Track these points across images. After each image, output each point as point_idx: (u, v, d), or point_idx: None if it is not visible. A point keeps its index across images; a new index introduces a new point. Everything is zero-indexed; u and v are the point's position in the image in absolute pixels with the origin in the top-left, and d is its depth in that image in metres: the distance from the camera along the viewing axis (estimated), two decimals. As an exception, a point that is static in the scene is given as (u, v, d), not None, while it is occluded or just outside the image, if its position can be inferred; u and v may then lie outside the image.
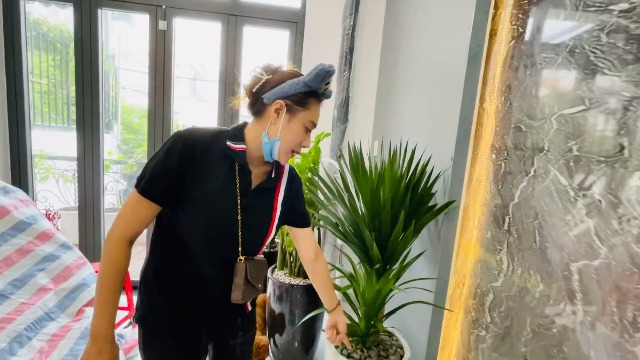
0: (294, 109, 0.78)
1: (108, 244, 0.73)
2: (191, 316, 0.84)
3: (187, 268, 0.80)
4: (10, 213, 1.45)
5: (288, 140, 0.78)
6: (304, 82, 0.76)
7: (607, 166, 0.73)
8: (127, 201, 0.75)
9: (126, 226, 0.74)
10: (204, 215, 0.76)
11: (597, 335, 0.73)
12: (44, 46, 3.83)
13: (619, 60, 0.72)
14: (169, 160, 0.73)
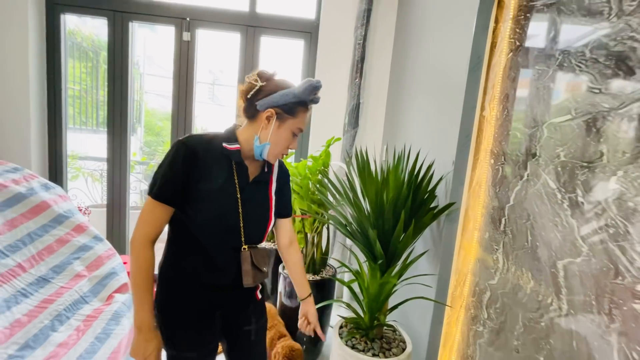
0: (284, 117, 0.87)
1: (134, 248, 0.83)
2: (207, 303, 0.91)
3: (202, 258, 0.88)
4: (51, 207, 1.62)
5: (277, 144, 0.88)
6: (293, 93, 0.86)
7: (589, 171, 0.79)
8: (144, 207, 0.85)
9: (146, 229, 0.83)
10: (209, 210, 0.85)
11: (579, 326, 0.79)
12: (77, 54, 4.12)
13: (600, 74, 0.79)
14: (176, 166, 0.82)
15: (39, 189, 1.66)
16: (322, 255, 1.80)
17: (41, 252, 1.46)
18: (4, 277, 1.29)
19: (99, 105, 4.43)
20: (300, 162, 1.77)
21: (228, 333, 0.98)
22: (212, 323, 0.94)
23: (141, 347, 0.81)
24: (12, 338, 1.12)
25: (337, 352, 1.36)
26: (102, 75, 4.47)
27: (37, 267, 1.40)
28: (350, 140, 2.20)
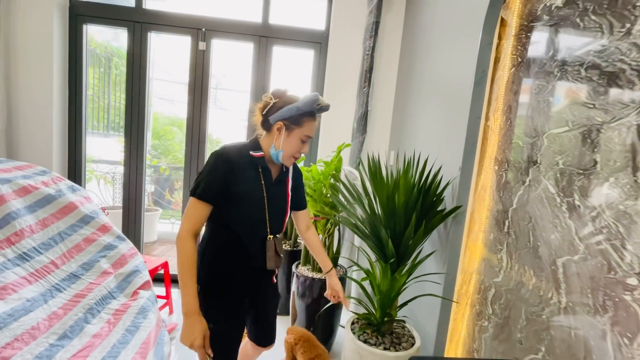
0: (291, 127, 1.04)
1: (180, 242, 0.98)
2: (239, 284, 1.10)
3: (236, 247, 1.07)
4: (78, 208, 1.71)
5: (288, 150, 1.06)
6: (297, 107, 1.02)
7: (585, 177, 0.89)
8: (188, 207, 1.00)
9: (190, 225, 0.99)
10: (245, 208, 1.04)
11: (577, 317, 0.88)
12: (90, 61, 4.24)
13: (594, 91, 0.88)
14: (216, 172, 1.00)
15: (66, 191, 1.76)
16: (333, 255, 1.88)
17: (71, 250, 1.55)
18: (39, 272, 1.38)
19: (110, 109, 4.55)
20: (312, 167, 1.86)
21: (253, 308, 1.20)
22: (242, 301, 1.13)
23: (188, 331, 0.94)
24: (51, 329, 1.21)
25: (350, 347, 1.44)
26: (113, 80, 4.59)
27: (68, 264, 1.49)
28: (359, 146, 2.30)
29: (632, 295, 0.74)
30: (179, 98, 5.88)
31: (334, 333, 1.93)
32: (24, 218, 1.49)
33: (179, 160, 4.32)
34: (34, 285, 1.31)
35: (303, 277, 1.83)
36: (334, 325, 1.91)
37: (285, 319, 2.29)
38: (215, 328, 1.02)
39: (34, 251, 1.43)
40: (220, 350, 1.05)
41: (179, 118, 4.95)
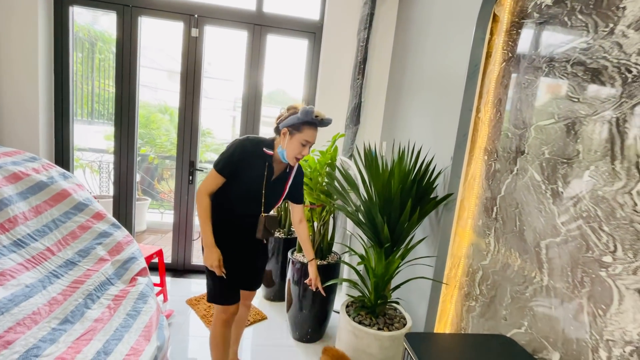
0: (293, 133, 1.28)
1: (199, 197, 1.32)
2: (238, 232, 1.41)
3: (234, 209, 1.39)
4: (71, 195, 1.69)
5: (290, 151, 1.29)
6: (297, 117, 1.27)
7: (568, 166, 0.96)
8: (209, 174, 1.33)
9: (208, 187, 1.32)
10: (244, 186, 1.35)
11: (557, 293, 0.96)
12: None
13: (579, 86, 0.95)
14: (234, 157, 1.31)
15: (58, 178, 1.73)
16: (328, 242, 1.94)
17: (66, 237, 1.54)
18: (35, 259, 1.37)
19: (94, 96, 4.41)
20: (308, 157, 1.89)
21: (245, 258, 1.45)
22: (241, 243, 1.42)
23: (209, 257, 1.30)
24: (52, 314, 1.21)
25: (346, 328, 1.51)
26: (97, 66, 4.44)
27: (64, 251, 1.49)
28: (352, 137, 2.34)
29: (607, 271, 0.82)
30: (163, 86, 5.74)
31: (327, 318, 2.00)
32: (17, 205, 1.46)
33: (167, 149, 4.25)
34: (31, 272, 1.31)
35: (299, 264, 1.88)
36: (327, 310, 1.98)
37: (281, 306, 2.35)
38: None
39: (29, 238, 1.42)
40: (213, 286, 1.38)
41: (169, 107, 4.84)
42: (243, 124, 2.60)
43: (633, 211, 0.77)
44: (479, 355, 0.96)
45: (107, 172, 3.95)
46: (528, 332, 1.06)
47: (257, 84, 2.53)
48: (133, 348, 1.14)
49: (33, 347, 1.06)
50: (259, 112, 2.58)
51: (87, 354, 1.08)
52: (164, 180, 4.60)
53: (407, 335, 1.02)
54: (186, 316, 2.08)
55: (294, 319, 1.95)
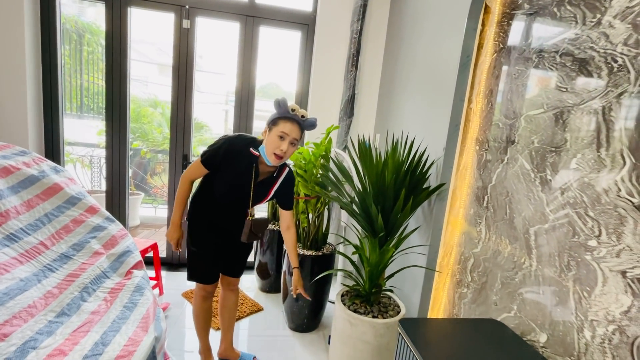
0: (271, 127, 1.30)
1: (181, 181, 1.42)
2: (220, 223, 1.46)
3: (218, 203, 1.43)
4: (63, 189, 1.67)
5: (268, 146, 1.30)
6: (273, 113, 1.32)
7: (556, 154, 0.99)
8: (194, 163, 1.39)
9: (191, 174, 1.41)
10: (227, 184, 1.38)
11: (545, 277, 1.00)
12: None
13: (567, 76, 0.97)
14: (219, 151, 1.34)
15: (50, 172, 1.71)
16: (323, 233, 1.96)
17: (59, 232, 1.53)
18: (29, 253, 1.36)
19: (83, 90, 4.33)
20: (302, 149, 1.90)
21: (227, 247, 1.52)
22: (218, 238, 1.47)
23: (171, 233, 1.48)
24: (48, 307, 1.21)
25: (341, 316, 1.54)
26: (85, 59, 4.35)
27: (58, 245, 1.48)
28: (346, 129, 2.35)
29: (592, 255, 0.85)
30: (154, 79, 5.65)
31: (323, 308, 2.03)
32: (8, 199, 1.45)
33: (160, 143, 4.21)
34: (25, 266, 1.30)
35: (294, 255, 1.90)
36: (323, 300, 2.01)
37: (277, 297, 2.37)
38: (194, 249, 1.46)
39: (21, 232, 1.40)
40: (194, 265, 1.48)
41: (160, 101, 4.78)
42: (236, 118, 2.59)
43: (617, 196, 0.80)
44: (470, 338, 1.00)
45: (99, 167, 3.90)
46: (517, 316, 1.09)
47: (250, 77, 2.51)
48: (131, 339, 1.15)
49: (30, 339, 1.06)
50: (252, 106, 2.57)
51: (85, 345, 1.09)
52: (157, 175, 4.57)
53: (401, 321, 1.05)
54: (182, 309, 2.10)
55: (290, 310, 1.98)
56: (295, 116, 1.29)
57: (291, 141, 1.29)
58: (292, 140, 1.29)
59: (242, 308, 2.16)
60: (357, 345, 1.49)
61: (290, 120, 1.28)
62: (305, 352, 1.80)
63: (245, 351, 1.74)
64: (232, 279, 1.59)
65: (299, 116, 1.29)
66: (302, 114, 1.30)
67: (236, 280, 1.61)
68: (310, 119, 1.32)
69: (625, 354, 0.76)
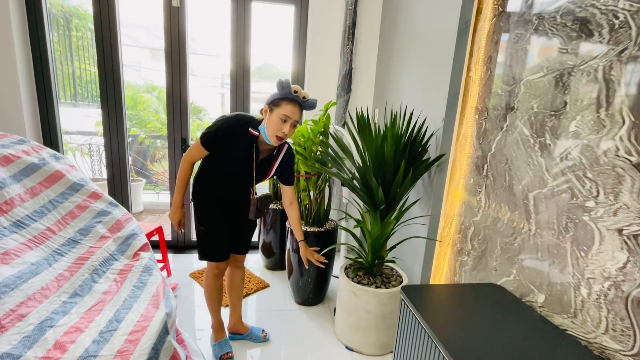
0: (272, 109, 1.29)
1: (181, 164, 1.42)
2: (224, 203, 1.49)
3: (221, 183, 1.45)
4: (65, 176, 1.68)
5: (270, 128, 1.29)
6: (274, 93, 1.29)
7: (556, 118, 0.98)
8: (194, 145, 1.39)
9: (191, 157, 1.42)
10: (229, 164, 1.40)
11: (543, 240, 1.02)
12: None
13: (567, 37, 0.95)
14: (218, 133, 1.34)
15: (50, 159, 1.72)
16: (325, 210, 1.98)
17: (65, 217, 1.56)
18: (37, 239, 1.39)
19: (75, 77, 4.26)
20: (302, 126, 1.89)
21: (232, 225, 1.54)
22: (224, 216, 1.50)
23: (173, 214, 1.50)
24: (60, 288, 1.25)
25: (345, 288, 1.59)
26: (75, 45, 4.25)
27: (65, 230, 1.50)
28: (344, 105, 2.32)
29: (590, 215, 0.87)
30: (147, 65, 5.54)
31: (327, 282, 2.08)
32: (12, 187, 1.46)
33: (158, 129, 4.18)
34: (35, 251, 1.33)
35: (297, 232, 1.93)
36: (327, 274, 2.06)
37: (282, 274, 2.43)
38: (203, 228, 1.48)
39: (28, 219, 1.42)
40: (205, 245, 1.50)
41: (156, 86, 4.70)
42: (233, 102, 2.56)
43: (615, 156, 0.80)
44: (470, 302, 1.03)
45: (98, 155, 3.90)
46: (516, 279, 1.12)
47: (245, 58, 2.46)
48: (143, 315, 1.19)
49: (46, 318, 1.10)
50: (248, 88, 2.53)
51: (100, 322, 1.13)
52: (157, 161, 4.57)
53: (403, 288, 1.08)
54: (191, 289, 2.16)
55: (296, 285, 2.03)
56: (297, 98, 1.28)
57: (292, 123, 1.29)
58: (293, 122, 1.29)
59: (248, 285, 2.21)
60: (361, 315, 1.54)
61: (292, 102, 1.28)
62: (312, 323, 1.87)
63: (254, 325, 1.80)
64: (238, 256, 1.63)
65: (301, 97, 1.29)
66: (303, 95, 1.29)
67: (243, 257, 1.65)
68: (311, 100, 1.31)
69: (619, 307, 0.78)
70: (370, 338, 1.58)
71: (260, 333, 1.72)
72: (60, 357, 0.97)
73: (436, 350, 0.84)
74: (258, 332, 1.72)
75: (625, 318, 0.77)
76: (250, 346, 1.68)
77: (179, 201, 1.48)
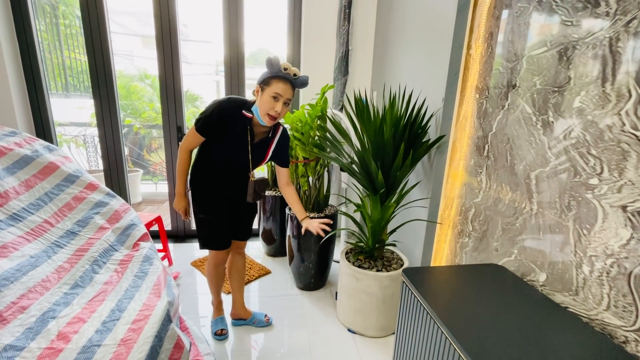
0: (263, 88, 1.28)
1: (180, 152, 1.42)
2: (223, 188, 1.47)
3: (219, 168, 1.44)
4: (59, 167, 1.66)
5: (262, 107, 1.28)
6: (265, 72, 1.28)
7: (559, 94, 0.96)
8: (189, 132, 1.38)
9: (188, 144, 1.40)
10: (225, 148, 1.38)
11: (545, 219, 1.01)
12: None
13: (572, 8, 0.91)
14: (212, 118, 1.32)
15: (43, 151, 1.69)
16: (324, 195, 1.97)
17: (62, 209, 1.54)
18: (35, 231, 1.38)
19: (66, 67, 4.16)
20: (298, 111, 1.85)
21: (234, 211, 1.55)
22: (221, 202, 1.49)
23: (177, 203, 1.51)
24: (61, 280, 1.25)
25: (346, 272, 1.59)
26: (63, 33, 4.13)
27: (62, 222, 1.49)
28: (341, 88, 2.28)
29: (593, 193, 0.85)
30: (139, 53, 5.41)
31: (328, 267, 2.10)
32: (5, 180, 1.44)
33: (153, 118, 4.12)
34: (33, 244, 1.32)
35: (296, 219, 1.92)
36: (328, 260, 2.07)
37: (283, 260, 2.44)
38: (202, 216, 1.48)
39: (24, 212, 1.41)
40: (204, 234, 1.50)
41: (149, 74, 4.60)
42: (227, 89, 2.50)
43: (621, 131, 0.78)
44: (472, 282, 1.03)
45: (94, 146, 3.85)
46: (518, 259, 1.12)
47: (238, 44, 2.39)
48: (145, 304, 1.19)
49: (48, 310, 1.10)
50: (242, 74, 2.47)
51: (103, 312, 1.13)
52: (154, 151, 4.52)
53: (404, 270, 1.08)
54: (193, 277, 2.17)
55: (297, 270, 2.04)
56: (288, 75, 1.27)
57: (285, 101, 1.28)
58: (285, 100, 1.29)
59: (250, 272, 2.23)
60: (363, 298, 1.55)
61: (282, 79, 1.26)
62: (314, 307, 1.89)
63: (257, 311, 1.82)
64: (239, 243, 1.63)
65: (291, 75, 1.27)
66: (294, 72, 1.28)
67: (243, 244, 1.65)
68: (302, 77, 1.30)
69: (622, 284, 0.78)
70: (372, 321, 1.60)
71: (263, 318, 1.73)
72: (64, 347, 0.97)
73: (438, 331, 0.84)
74: (261, 317, 1.74)
75: (627, 294, 0.77)
76: (254, 331, 1.70)
77: (181, 190, 1.48)
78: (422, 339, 0.95)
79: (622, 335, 0.78)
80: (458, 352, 0.75)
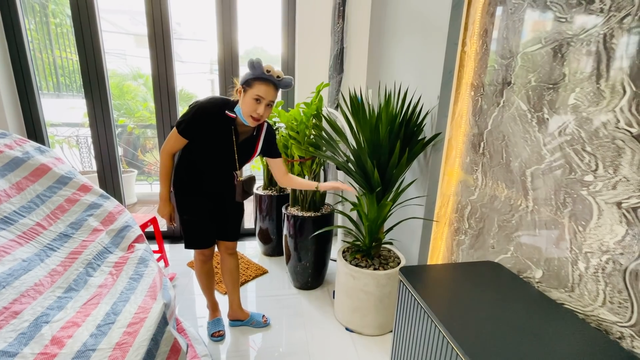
0: (246, 89, 1.27)
1: (161, 156, 1.40)
2: (209, 188, 1.46)
3: (205, 169, 1.43)
4: (51, 169, 1.63)
5: (244, 109, 1.27)
6: (247, 73, 1.26)
7: (554, 91, 0.95)
8: (170, 135, 1.35)
9: (170, 147, 1.38)
10: (210, 149, 1.37)
11: (541, 216, 1.01)
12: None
13: (566, 5, 0.91)
14: (194, 119, 1.30)
15: (34, 153, 1.66)
16: (320, 194, 1.96)
17: (55, 212, 1.52)
18: (27, 235, 1.36)
19: (57, 66, 4.10)
20: (294, 109, 1.84)
21: (220, 212, 1.54)
22: (205, 204, 1.49)
23: (161, 209, 1.50)
24: (54, 284, 1.23)
25: (343, 271, 1.59)
26: (53, 32, 4.06)
27: (55, 225, 1.47)
28: (336, 86, 2.27)
29: (588, 189, 0.86)
30: (132, 52, 5.35)
31: (325, 266, 2.09)
32: (-4, 183, 1.41)
33: (147, 118, 4.08)
34: (25, 247, 1.30)
35: (293, 218, 1.92)
36: (325, 259, 2.06)
37: (280, 260, 2.43)
38: (186, 217, 1.49)
39: (15, 215, 1.38)
40: (187, 234, 1.51)
41: (143, 74, 4.55)
42: (222, 88, 2.48)
43: (615, 128, 0.78)
44: (468, 280, 1.03)
45: (87, 147, 3.81)
46: (514, 256, 1.13)
47: (232, 42, 2.37)
48: (141, 307, 1.18)
49: (42, 314, 1.08)
50: (237, 73, 2.45)
51: (97, 316, 1.12)
52: (149, 152, 4.48)
53: (401, 269, 1.07)
54: (189, 278, 2.15)
55: (294, 270, 2.04)
56: (271, 77, 1.24)
57: (267, 103, 1.27)
58: (268, 102, 1.27)
59: (247, 272, 2.22)
60: (360, 297, 1.55)
61: (265, 81, 1.25)
62: (312, 306, 1.89)
63: (254, 311, 1.81)
64: (228, 243, 1.62)
65: (275, 77, 1.25)
66: (277, 75, 1.25)
67: (233, 244, 1.64)
68: (286, 79, 1.28)
69: (617, 280, 0.78)
70: (370, 319, 1.60)
71: (261, 318, 1.73)
72: (58, 352, 0.96)
73: (435, 329, 0.84)
74: (258, 317, 1.73)
75: (622, 290, 0.77)
76: (252, 332, 1.70)
77: (165, 195, 1.47)
78: (419, 337, 0.95)
79: (618, 331, 0.79)
80: (455, 349, 0.75)
